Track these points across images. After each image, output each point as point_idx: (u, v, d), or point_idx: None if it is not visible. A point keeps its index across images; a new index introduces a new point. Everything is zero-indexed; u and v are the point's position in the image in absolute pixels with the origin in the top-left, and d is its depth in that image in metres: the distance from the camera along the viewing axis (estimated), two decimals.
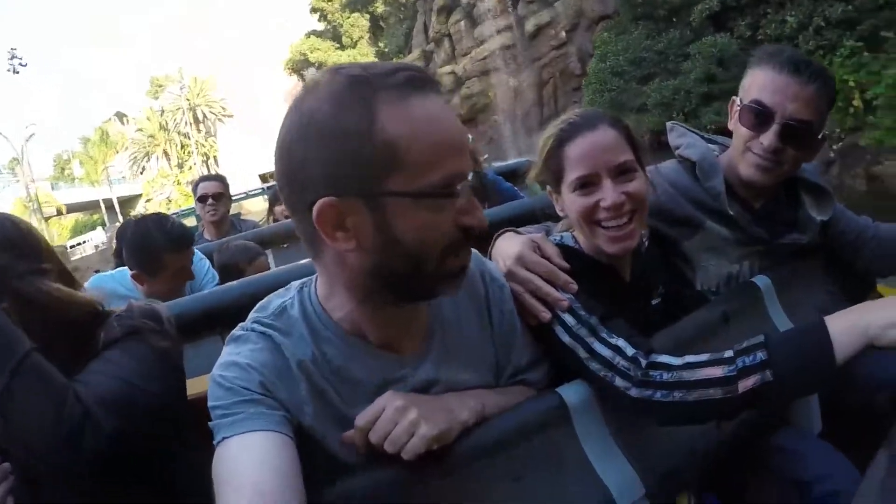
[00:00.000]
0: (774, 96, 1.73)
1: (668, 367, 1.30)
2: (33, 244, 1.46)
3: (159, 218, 2.91)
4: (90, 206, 68.22)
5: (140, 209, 65.39)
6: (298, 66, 49.84)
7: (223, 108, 73.27)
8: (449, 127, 1.10)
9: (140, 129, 74.52)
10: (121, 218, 52.90)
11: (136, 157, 73.42)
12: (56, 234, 60.84)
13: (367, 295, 1.18)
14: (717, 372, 1.26)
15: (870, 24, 13.51)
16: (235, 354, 1.20)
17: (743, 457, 1.62)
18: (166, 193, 66.55)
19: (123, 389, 1.30)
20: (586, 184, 1.54)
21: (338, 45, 47.86)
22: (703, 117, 16.02)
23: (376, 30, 48.02)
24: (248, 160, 55.37)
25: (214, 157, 71.54)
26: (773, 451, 1.62)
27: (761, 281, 1.82)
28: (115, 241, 4.40)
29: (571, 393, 1.37)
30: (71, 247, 40.87)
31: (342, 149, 1.02)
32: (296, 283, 1.33)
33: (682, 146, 2.00)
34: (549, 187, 1.68)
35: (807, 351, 1.24)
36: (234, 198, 5.71)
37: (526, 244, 1.53)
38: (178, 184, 67.17)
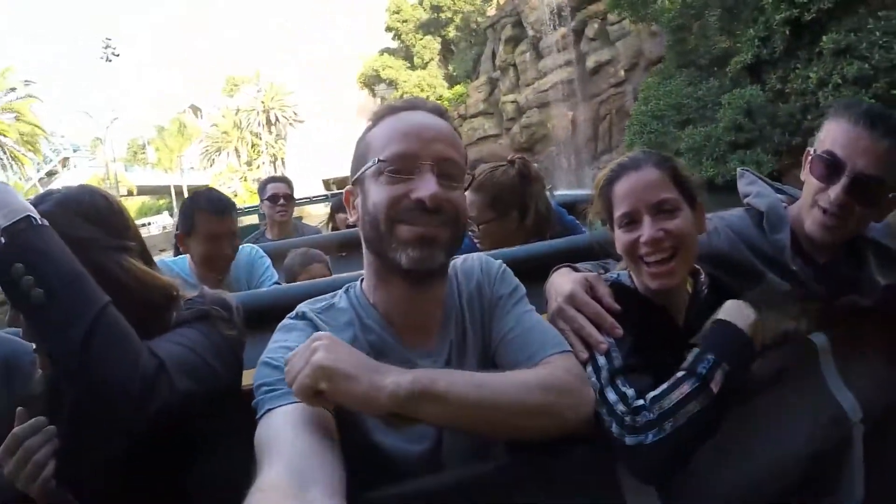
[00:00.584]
0: (846, 149, 1.68)
1: (645, 408, 1.33)
2: (121, 221, 1.50)
3: (208, 188, 3.26)
4: (158, 191, 70.46)
5: None
6: (370, 81, 50.79)
7: (295, 114, 75.54)
8: (411, 123, 1.35)
9: (215, 125, 77.24)
10: None
11: (207, 150, 76.05)
12: None
13: (377, 272, 1.41)
14: (685, 388, 1.33)
15: (884, 83, 14.17)
16: (284, 340, 1.31)
17: None
18: (233, 188, 68.22)
19: (193, 358, 1.34)
20: (629, 221, 1.58)
21: (409, 65, 48.95)
22: (730, 164, 16.79)
23: (447, 53, 48.83)
24: (314, 165, 56.28)
25: (282, 158, 73.29)
26: None
27: (818, 338, 1.75)
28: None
29: None
30: None
31: (356, 150, 1.43)
32: (343, 287, 1.51)
33: (751, 194, 1.97)
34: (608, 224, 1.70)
35: (735, 340, 1.41)
36: (297, 202, 5.81)
37: (579, 283, 1.57)
38: (245, 180, 69.14)
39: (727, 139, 17.70)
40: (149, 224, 47.10)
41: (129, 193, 60.59)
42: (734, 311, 1.48)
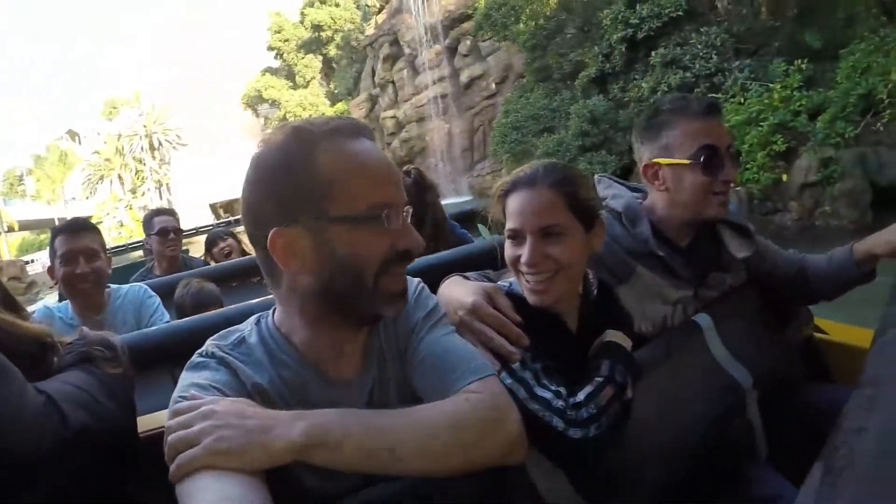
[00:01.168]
0: (712, 137, 1.84)
1: (583, 404, 1.40)
2: None
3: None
4: (41, 225, 65.91)
5: None
6: (253, 102, 50.77)
7: (178, 137, 73.31)
8: (376, 164, 1.22)
9: (97, 152, 74.29)
10: None
11: (90, 179, 73.12)
12: (6, 251, 59.03)
13: (318, 318, 1.25)
14: (610, 392, 1.42)
15: (704, 88, 16.26)
16: (196, 377, 1.20)
17: (703, 481, 1.65)
18: (118, 217, 65.76)
19: (83, 394, 1.21)
20: (514, 236, 1.58)
21: (291, 85, 49.10)
22: (580, 165, 18.35)
23: (328, 71, 49.34)
24: (201, 189, 55.37)
25: (167, 184, 71.58)
26: (728, 477, 1.70)
27: (702, 319, 1.85)
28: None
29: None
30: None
31: (288, 185, 1.17)
32: (252, 318, 1.37)
33: (608, 197, 2.04)
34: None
35: (622, 351, 1.55)
36: (185, 233, 5.52)
37: (479, 294, 1.54)
38: (131, 208, 66.86)
39: (576, 144, 19.42)
40: (33, 261, 44.54)
41: (10, 229, 57.31)
42: (621, 337, 1.59)
